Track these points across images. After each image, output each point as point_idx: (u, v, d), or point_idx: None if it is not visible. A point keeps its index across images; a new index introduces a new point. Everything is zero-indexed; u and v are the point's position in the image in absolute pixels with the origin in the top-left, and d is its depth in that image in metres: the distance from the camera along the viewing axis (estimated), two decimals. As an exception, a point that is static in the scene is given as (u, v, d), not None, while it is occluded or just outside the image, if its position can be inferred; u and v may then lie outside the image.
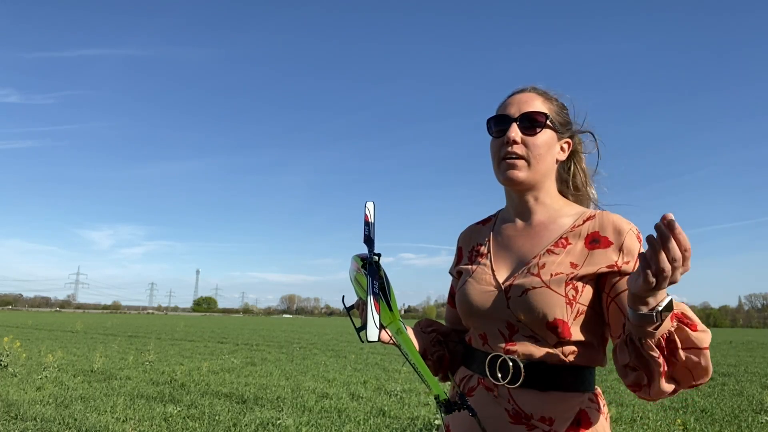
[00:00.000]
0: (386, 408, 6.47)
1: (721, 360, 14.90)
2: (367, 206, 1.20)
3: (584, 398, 1.08)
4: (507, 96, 1.24)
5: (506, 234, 1.23)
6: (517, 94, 1.21)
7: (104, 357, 11.51)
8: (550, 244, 1.14)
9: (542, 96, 1.21)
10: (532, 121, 1.16)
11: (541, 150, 1.16)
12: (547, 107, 1.19)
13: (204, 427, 5.37)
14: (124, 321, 45.39)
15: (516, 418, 1.06)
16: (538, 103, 1.18)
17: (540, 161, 1.16)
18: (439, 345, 1.29)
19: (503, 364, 1.09)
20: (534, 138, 1.15)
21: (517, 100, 1.19)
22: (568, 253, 1.11)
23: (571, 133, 1.24)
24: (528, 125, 1.16)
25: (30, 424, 5.23)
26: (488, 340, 1.14)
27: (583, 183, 1.27)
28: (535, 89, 1.22)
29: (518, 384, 1.07)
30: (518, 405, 1.06)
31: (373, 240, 1.16)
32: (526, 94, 1.20)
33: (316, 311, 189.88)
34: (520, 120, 1.16)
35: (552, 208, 1.20)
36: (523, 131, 1.16)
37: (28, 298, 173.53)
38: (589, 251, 1.10)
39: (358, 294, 1.15)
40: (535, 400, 1.06)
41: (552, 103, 1.21)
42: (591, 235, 1.12)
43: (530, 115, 1.16)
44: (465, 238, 1.35)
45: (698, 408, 6.93)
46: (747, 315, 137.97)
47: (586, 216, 1.16)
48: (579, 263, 1.09)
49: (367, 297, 1.03)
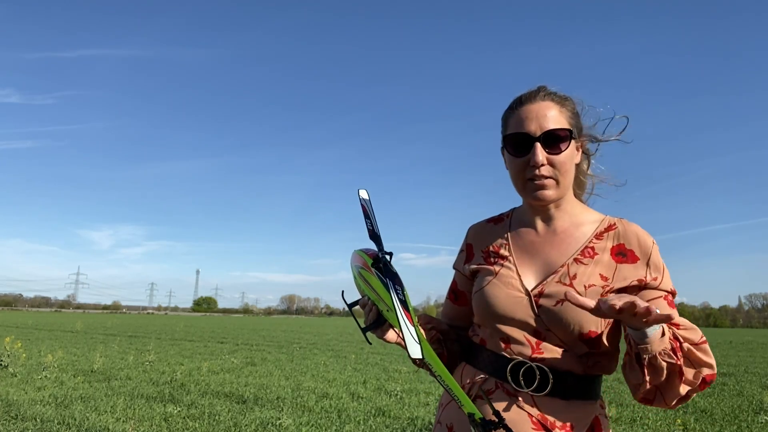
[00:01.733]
0: (386, 408, 6.47)
1: (721, 360, 14.90)
2: (361, 195, 1.14)
3: (596, 404, 1.11)
4: (518, 102, 1.17)
5: (527, 238, 1.21)
6: (532, 105, 1.15)
7: (104, 357, 11.51)
8: (577, 253, 1.13)
9: (558, 103, 1.16)
10: (557, 139, 1.12)
11: (567, 166, 1.14)
12: (565, 117, 1.15)
13: (204, 427, 5.37)
14: (124, 321, 45.39)
15: (539, 424, 1.05)
16: (555, 114, 1.14)
17: (567, 177, 1.14)
18: (439, 344, 1.27)
19: (528, 371, 1.08)
20: (559, 156, 1.12)
21: (535, 114, 1.13)
22: (597, 264, 1.11)
23: (585, 136, 1.22)
24: (552, 144, 1.12)
25: (30, 424, 5.23)
26: (511, 345, 1.12)
27: (585, 171, 1.27)
28: (548, 94, 1.16)
29: (545, 393, 1.06)
30: (542, 412, 1.06)
31: (380, 235, 1.11)
32: (541, 104, 1.14)
33: (316, 311, 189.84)
34: (544, 140, 1.11)
35: (572, 214, 1.20)
36: (547, 151, 1.12)
37: (28, 298, 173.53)
38: (617, 264, 1.11)
39: (365, 292, 1.11)
40: (559, 408, 1.06)
41: (567, 108, 1.17)
42: (617, 247, 1.13)
43: (554, 133, 1.11)
44: (476, 235, 1.31)
45: (698, 408, 6.93)
46: (747, 315, 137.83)
47: (607, 224, 1.17)
48: (609, 276, 1.10)
49: (395, 305, 0.97)
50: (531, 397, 1.07)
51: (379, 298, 1.06)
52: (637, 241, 1.12)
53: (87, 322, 37.69)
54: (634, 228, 1.15)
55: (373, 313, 1.10)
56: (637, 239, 1.13)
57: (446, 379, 1.00)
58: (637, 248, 1.12)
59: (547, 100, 1.15)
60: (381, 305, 1.06)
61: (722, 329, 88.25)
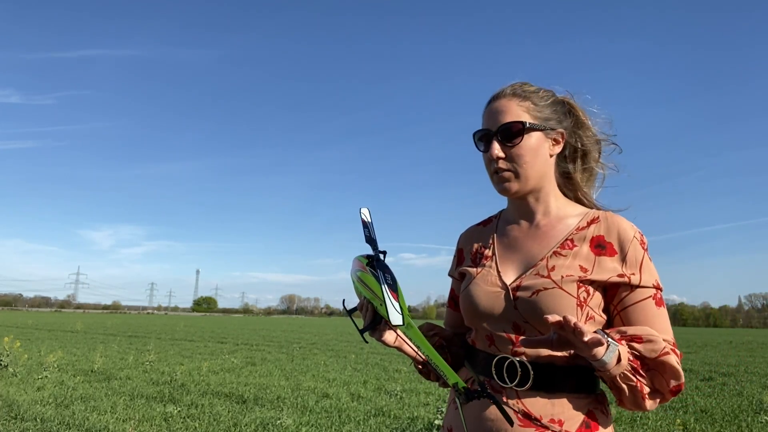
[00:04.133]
0: (386, 408, 6.47)
1: (721, 360, 14.89)
2: (363, 212, 1.19)
3: (591, 399, 1.09)
4: (489, 101, 1.21)
5: (511, 235, 1.23)
6: (494, 103, 1.19)
7: (104, 357, 11.51)
8: (557, 246, 1.14)
9: (518, 97, 1.18)
10: (509, 132, 1.15)
11: (526, 158, 1.15)
12: (524, 109, 1.16)
13: (204, 427, 5.37)
14: (124, 321, 45.38)
15: (525, 420, 1.05)
16: (513, 107, 1.16)
17: (528, 168, 1.15)
18: (442, 350, 1.28)
19: (511, 366, 1.09)
20: (515, 149, 1.15)
21: (494, 111, 1.18)
22: (576, 256, 1.11)
23: (563, 126, 1.21)
24: (506, 137, 1.15)
25: (30, 424, 5.23)
26: (495, 342, 1.13)
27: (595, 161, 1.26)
28: (512, 91, 1.19)
29: (527, 386, 1.07)
30: (527, 407, 1.06)
31: (375, 240, 1.15)
32: (501, 101, 1.18)
33: (316, 311, 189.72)
34: (500, 134, 1.16)
35: (555, 208, 1.20)
36: (503, 145, 1.16)
37: (28, 298, 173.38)
38: (596, 256, 1.11)
39: (362, 294, 1.14)
40: (543, 403, 1.06)
41: (531, 101, 1.18)
42: (596, 239, 1.12)
43: (506, 126, 1.15)
44: (465, 239, 1.34)
45: (698, 408, 6.93)
46: (747, 315, 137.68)
47: (591, 218, 1.16)
48: (588, 268, 1.09)
49: (381, 286, 1.03)
50: (515, 392, 1.08)
51: (373, 294, 1.08)
52: (617, 234, 1.11)
53: (87, 322, 37.69)
54: (616, 220, 1.14)
55: (369, 313, 1.12)
56: (618, 232, 1.11)
57: (426, 350, 1.04)
58: (615, 241, 1.10)
59: (509, 95, 1.18)
60: (376, 301, 1.09)
61: (722, 329, 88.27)
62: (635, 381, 1.00)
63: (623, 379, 1.00)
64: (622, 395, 1.03)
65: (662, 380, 1.01)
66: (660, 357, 1.00)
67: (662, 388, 1.02)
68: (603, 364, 0.96)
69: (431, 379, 1.27)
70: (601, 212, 1.17)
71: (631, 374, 1.00)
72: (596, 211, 1.19)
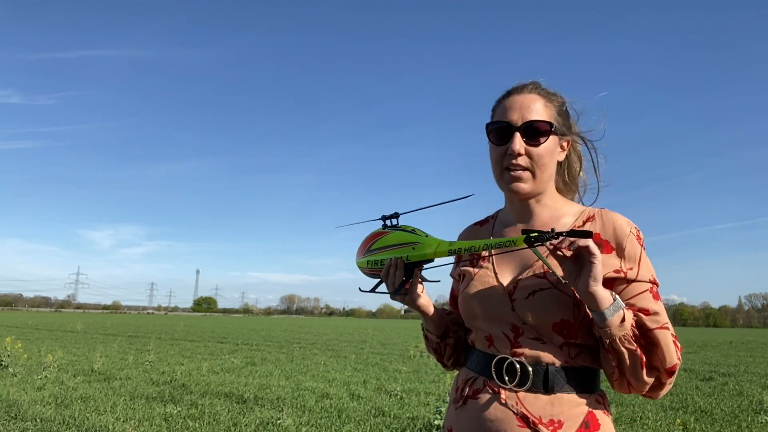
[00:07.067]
0: (386, 408, 6.47)
1: (721, 360, 14.90)
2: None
3: (591, 400, 1.09)
4: (506, 93, 1.19)
5: (508, 236, 1.22)
6: (518, 96, 1.16)
7: (104, 357, 11.50)
8: None
9: (544, 97, 1.17)
10: (537, 131, 1.13)
11: (545, 159, 1.14)
12: (549, 112, 1.16)
13: (204, 427, 5.37)
14: (124, 321, 45.39)
15: (524, 421, 1.05)
16: (540, 107, 1.15)
17: (544, 170, 1.15)
18: (458, 326, 1.31)
19: (510, 366, 1.09)
20: (538, 149, 1.13)
21: (519, 104, 1.15)
22: None
23: (572, 135, 1.22)
24: (532, 135, 1.13)
25: (30, 424, 5.23)
26: (494, 343, 1.13)
27: (577, 173, 1.27)
28: (536, 88, 1.18)
29: (526, 387, 1.07)
30: (526, 408, 1.06)
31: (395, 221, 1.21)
32: (527, 96, 1.16)
33: (316, 311, 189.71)
34: (524, 130, 1.13)
35: (553, 208, 1.20)
36: (526, 142, 1.13)
37: (28, 298, 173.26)
38: None
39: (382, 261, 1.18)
40: (543, 403, 1.06)
41: (554, 104, 1.18)
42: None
43: (534, 124, 1.12)
44: (464, 239, 1.34)
45: (698, 408, 6.93)
46: (747, 315, 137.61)
47: (586, 216, 1.17)
48: None
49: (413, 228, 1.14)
50: (514, 392, 1.08)
51: (401, 245, 1.13)
52: (613, 230, 1.11)
53: (87, 322, 37.69)
54: (612, 217, 1.13)
55: (399, 271, 1.14)
56: (614, 229, 1.11)
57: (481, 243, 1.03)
58: (612, 238, 1.10)
59: (534, 93, 1.17)
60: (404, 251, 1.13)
61: (722, 329, 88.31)
62: (635, 346, 1.01)
63: (624, 342, 1.01)
64: (622, 362, 1.03)
65: (658, 357, 1.03)
66: (661, 328, 1.03)
67: (659, 365, 1.03)
68: (604, 319, 0.98)
69: (443, 359, 1.31)
70: (597, 210, 1.17)
71: (632, 339, 1.01)
72: (592, 209, 1.19)
